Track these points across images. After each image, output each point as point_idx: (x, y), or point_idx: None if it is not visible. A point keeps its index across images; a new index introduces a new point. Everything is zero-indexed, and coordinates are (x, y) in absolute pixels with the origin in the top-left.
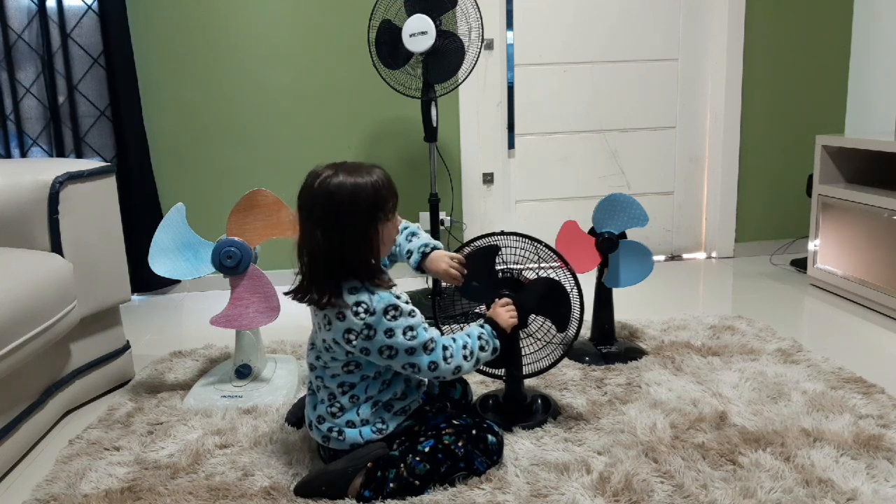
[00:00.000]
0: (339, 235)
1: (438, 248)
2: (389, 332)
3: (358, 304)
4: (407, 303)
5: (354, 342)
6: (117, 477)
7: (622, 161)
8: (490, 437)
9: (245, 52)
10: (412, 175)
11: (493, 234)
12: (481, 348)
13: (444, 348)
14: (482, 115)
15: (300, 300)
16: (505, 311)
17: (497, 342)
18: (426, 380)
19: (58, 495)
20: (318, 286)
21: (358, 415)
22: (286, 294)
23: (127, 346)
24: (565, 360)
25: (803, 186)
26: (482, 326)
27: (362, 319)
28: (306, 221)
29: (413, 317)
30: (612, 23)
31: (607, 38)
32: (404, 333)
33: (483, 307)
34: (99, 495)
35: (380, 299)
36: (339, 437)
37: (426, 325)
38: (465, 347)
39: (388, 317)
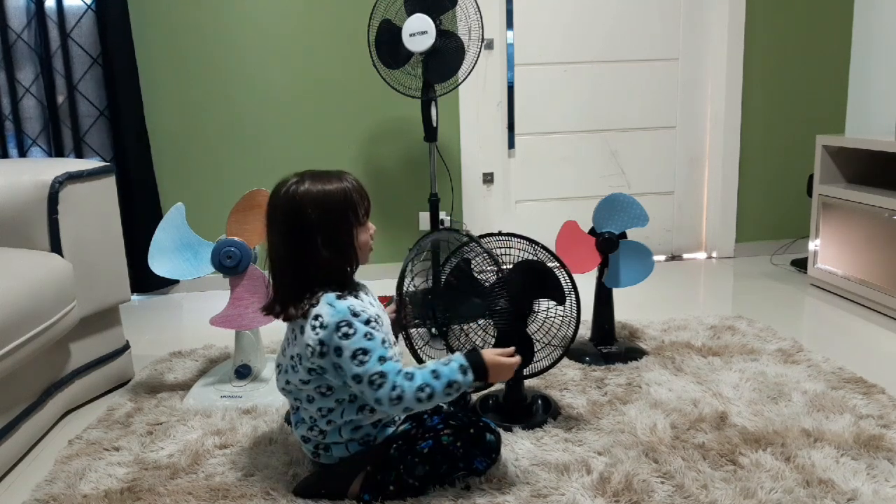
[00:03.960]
0: (309, 243)
1: None
2: (338, 351)
3: (316, 317)
4: (370, 321)
5: (312, 358)
6: (117, 477)
7: (622, 161)
8: (488, 436)
9: (245, 51)
10: (412, 175)
11: (492, 234)
12: (447, 393)
13: (393, 387)
14: (482, 115)
15: (267, 313)
16: (505, 365)
17: (473, 386)
18: None
19: (57, 495)
20: (281, 298)
21: (341, 436)
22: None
23: (127, 347)
24: (565, 360)
25: (803, 186)
26: (465, 372)
27: (317, 334)
28: (270, 231)
29: (370, 339)
30: (612, 23)
31: (607, 38)
32: (353, 357)
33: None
34: (98, 495)
35: (335, 312)
36: (327, 453)
37: (385, 353)
38: (422, 389)
39: (340, 334)
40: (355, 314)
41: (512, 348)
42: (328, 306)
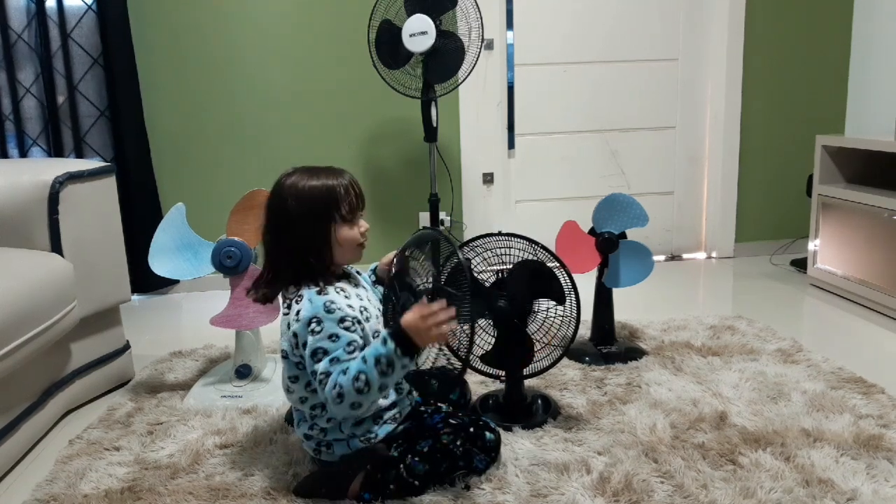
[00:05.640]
0: (285, 234)
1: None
2: (305, 346)
3: (297, 311)
4: (344, 319)
5: (294, 351)
6: (117, 477)
7: (622, 161)
8: (488, 435)
9: (246, 52)
10: (412, 175)
11: (492, 234)
12: (382, 372)
13: (334, 385)
14: (482, 115)
15: (253, 297)
16: (423, 320)
17: (407, 360)
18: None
19: (58, 495)
20: (264, 283)
21: (342, 432)
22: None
23: (127, 347)
24: (565, 360)
25: (803, 186)
26: (385, 342)
27: (290, 328)
28: (264, 221)
29: (334, 340)
30: (612, 23)
31: (607, 38)
32: (314, 354)
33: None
34: (99, 495)
35: (311, 308)
36: (329, 451)
37: (340, 355)
38: (357, 378)
39: (308, 329)
40: (329, 311)
41: (441, 301)
42: (307, 301)
